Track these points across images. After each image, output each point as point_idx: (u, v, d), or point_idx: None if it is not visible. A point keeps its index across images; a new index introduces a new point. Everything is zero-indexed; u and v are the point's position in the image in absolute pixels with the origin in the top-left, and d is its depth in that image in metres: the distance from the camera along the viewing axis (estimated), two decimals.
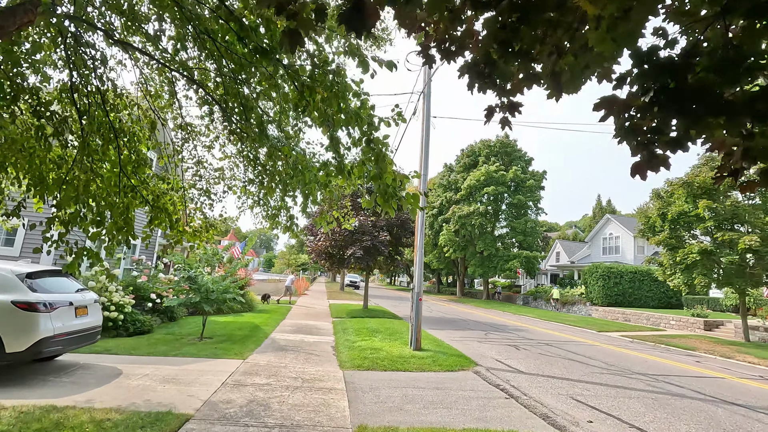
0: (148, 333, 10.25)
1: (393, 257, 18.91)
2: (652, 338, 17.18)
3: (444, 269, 49.61)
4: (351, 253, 17.17)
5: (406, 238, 18.65)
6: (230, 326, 12.15)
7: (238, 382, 6.44)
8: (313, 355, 8.99)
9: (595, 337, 16.96)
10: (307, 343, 10.57)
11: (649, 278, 29.27)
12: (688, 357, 12.79)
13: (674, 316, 22.31)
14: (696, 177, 15.11)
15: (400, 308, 24.44)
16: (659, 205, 16.66)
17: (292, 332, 12.17)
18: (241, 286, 15.88)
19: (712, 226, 14.61)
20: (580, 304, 30.27)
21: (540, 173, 36.54)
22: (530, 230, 35.05)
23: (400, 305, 27.01)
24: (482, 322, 19.15)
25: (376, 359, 8.63)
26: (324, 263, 19.42)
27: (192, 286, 9.59)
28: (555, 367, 9.38)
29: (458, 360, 9.08)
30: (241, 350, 8.75)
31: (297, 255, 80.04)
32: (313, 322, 15.05)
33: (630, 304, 28.51)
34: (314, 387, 6.48)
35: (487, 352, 10.92)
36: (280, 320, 14.51)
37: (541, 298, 34.56)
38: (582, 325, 21.16)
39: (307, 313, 17.80)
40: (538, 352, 11.46)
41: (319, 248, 18.27)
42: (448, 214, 36.15)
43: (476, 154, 38.94)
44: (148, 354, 7.95)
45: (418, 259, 9.92)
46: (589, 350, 12.46)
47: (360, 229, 17.70)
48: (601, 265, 29.18)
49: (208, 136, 5.04)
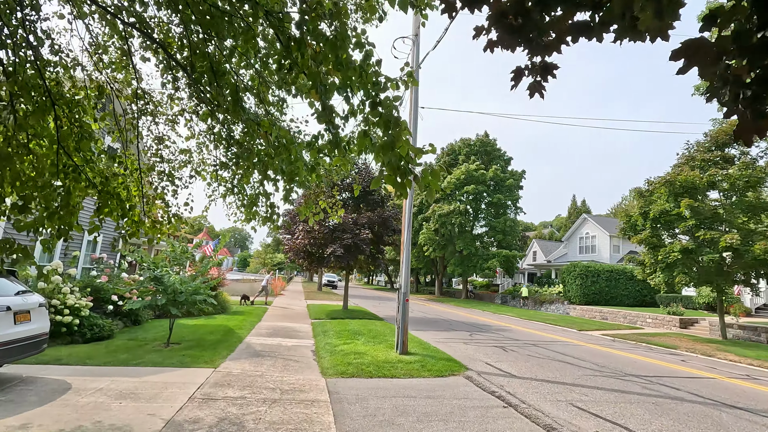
0: (108, 339, 9.30)
1: (374, 256, 18.29)
2: (633, 337, 17.20)
3: (423, 268, 49.35)
4: (331, 252, 16.46)
5: (388, 236, 18.08)
6: (201, 330, 11.26)
7: (208, 395, 5.69)
8: (292, 362, 8.28)
9: (577, 336, 16.85)
10: (285, 347, 9.84)
11: (624, 277, 29.74)
12: (671, 356, 12.72)
13: (650, 314, 22.58)
14: (677, 176, 15.15)
15: (381, 308, 23.85)
16: (641, 204, 16.68)
17: (269, 335, 11.39)
18: (213, 286, 14.96)
19: (692, 225, 14.66)
20: (558, 303, 30.47)
21: (519, 173, 36.69)
22: (509, 229, 35.13)
23: (381, 305, 26.44)
24: (465, 322, 18.78)
25: (361, 365, 8.00)
26: (302, 262, 18.63)
27: (158, 286, 8.71)
28: (547, 370, 8.99)
29: (448, 364, 8.56)
30: (213, 357, 7.96)
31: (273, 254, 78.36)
32: (290, 324, 14.28)
33: (606, 303, 28.87)
34: (295, 399, 5.80)
35: (476, 354, 10.46)
36: (256, 323, 13.67)
37: (519, 297, 34.70)
38: (562, 324, 21.13)
39: (284, 315, 16.98)
40: (527, 353, 11.09)
41: (297, 246, 17.47)
42: (428, 213, 35.82)
43: (456, 152, 38.77)
44: (106, 363, 7.07)
45: (405, 257, 9.35)
46: (576, 350, 12.20)
47: (340, 227, 17.00)
48: (579, 264, 29.44)
49: (171, 108, 4.27)
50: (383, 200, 18.87)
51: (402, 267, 9.33)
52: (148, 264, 9.22)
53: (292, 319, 15.57)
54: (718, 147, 15.94)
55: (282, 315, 16.88)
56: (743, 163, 14.78)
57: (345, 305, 19.36)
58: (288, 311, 18.61)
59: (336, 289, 50.38)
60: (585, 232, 36.49)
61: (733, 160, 15.83)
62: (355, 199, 18.97)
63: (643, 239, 16.23)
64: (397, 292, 9.32)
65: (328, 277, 52.51)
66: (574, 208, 56.32)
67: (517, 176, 36.37)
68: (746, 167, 14.77)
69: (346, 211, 18.32)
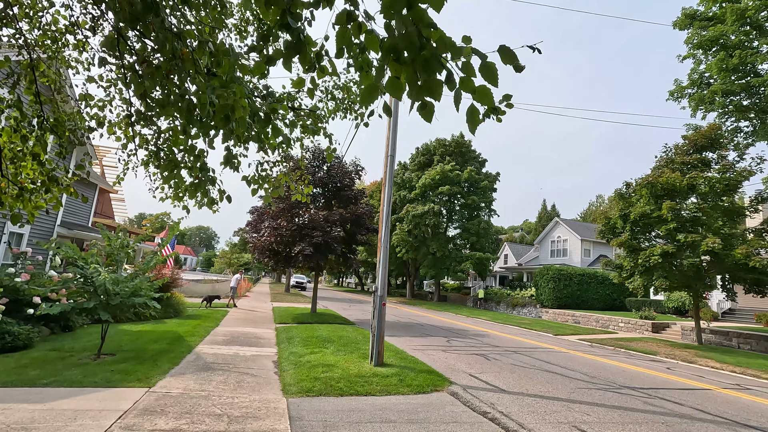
0: (25, 349, 7.74)
1: (346, 256, 17.11)
2: (610, 342, 16.83)
3: (395, 270, 48.44)
4: (299, 251, 15.17)
5: (362, 235, 16.95)
6: (144, 337, 9.77)
7: (130, 429, 4.40)
8: (249, 376, 7.03)
9: (554, 341, 16.29)
10: (242, 358, 8.54)
11: (595, 281, 29.84)
12: (655, 363, 12.24)
13: (622, 318, 22.49)
14: (659, 177, 14.83)
15: (352, 312, 22.67)
16: (621, 206, 16.32)
17: (225, 343, 10.03)
18: (161, 286, 13.40)
19: (673, 228, 14.35)
20: (530, 306, 30.22)
21: (493, 175, 36.42)
22: (483, 232, 34.73)
23: (351, 308, 25.24)
24: (440, 327, 17.89)
25: (330, 380, 6.85)
26: (268, 262, 17.20)
27: (85, 287, 7.26)
28: (537, 383, 8.13)
29: (429, 377, 7.53)
30: (150, 373, 6.59)
31: (240, 254, 75.37)
32: (252, 329, 12.90)
33: (578, 306, 28.83)
34: (245, 431, 4.60)
35: (457, 364, 9.50)
36: (212, 328, 12.22)
37: (491, 300, 34.34)
38: (537, 329, 20.66)
39: (246, 318, 15.52)
40: (511, 362, 10.24)
41: (263, 244, 16.05)
42: (402, 213, 34.93)
43: (431, 152, 38.12)
44: (5, 384, 5.61)
45: (382, 256, 8.27)
46: (559, 358, 11.48)
47: (310, 224, 15.74)
48: (552, 268, 29.30)
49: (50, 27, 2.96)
50: (356, 197, 17.74)
51: (379, 267, 8.25)
52: (77, 260, 7.72)
53: (254, 324, 14.17)
54: (697, 150, 15.79)
55: (244, 319, 15.42)
56: (723, 166, 14.62)
57: (313, 308, 18.07)
58: (251, 314, 17.13)
59: (305, 290, 48.67)
60: (557, 235, 36.62)
61: (710, 163, 15.73)
62: (326, 195, 17.76)
63: (623, 242, 15.85)
64: (373, 294, 8.23)
65: (296, 278, 50.73)
66: (545, 212, 57.04)
67: (491, 178, 36.08)
68: (725, 170, 14.62)
69: (317, 208, 17.08)
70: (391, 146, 8.55)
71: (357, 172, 17.92)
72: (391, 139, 8.57)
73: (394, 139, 8.59)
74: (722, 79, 18.60)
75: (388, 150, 8.54)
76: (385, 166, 8.55)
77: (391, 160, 8.49)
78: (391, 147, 8.55)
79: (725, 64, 17.96)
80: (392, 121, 8.69)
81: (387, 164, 8.51)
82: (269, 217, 16.25)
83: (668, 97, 22.36)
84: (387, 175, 8.43)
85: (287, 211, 16.03)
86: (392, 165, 8.49)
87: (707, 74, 19.93)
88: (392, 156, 8.52)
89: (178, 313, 14.50)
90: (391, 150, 8.52)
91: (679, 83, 21.43)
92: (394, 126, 8.63)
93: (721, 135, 15.82)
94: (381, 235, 8.35)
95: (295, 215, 16.09)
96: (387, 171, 8.46)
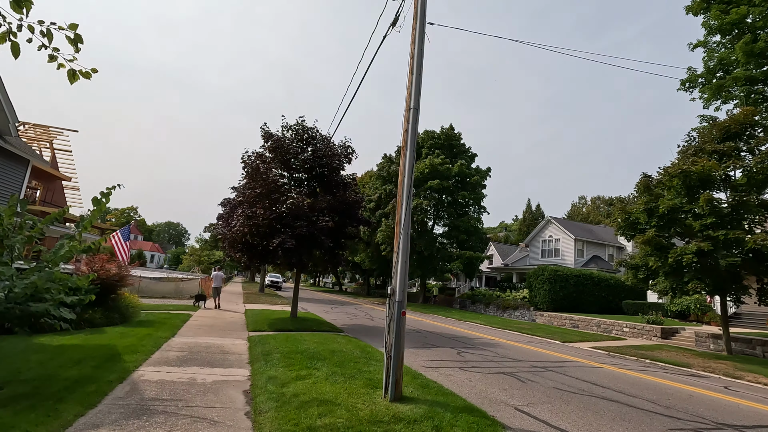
0: None
1: (334, 252, 14.62)
2: (628, 351, 15.03)
3: (376, 270, 46.09)
4: (278, 244, 12.61)
5: (353, 227, 14.53)
6: (63, 356, 7.06)
7: None
8: (206, 426, 4.55)
9: (565, 349, 14.38)
10: (200, 388, 6.01)
11: (591, 282, 28.35)
12: (705, 380, 10.40)
13: (626, 323, 20.90)
14: (693, 166, 13.06)
15: (336, 315, 20.19)
16: (646, 199, 14.51)
17: (180, 362, 7.45)
18: (103, 285, 10.67)
19: (710, 223, 12.62)
20: (523, 309, 28.46)
21: (484, 170, 34.58)
22: (474, 230, 32.83)
23: (334, 311, 22.73)
24: (440, 334, 15.67)
25: (331, 430, 4.46)
26: (240, 257, 14.52)
27: None
28: (608, 419, 5.97)
29: (473, 421, 5.21)
30: (37, 429, 4.02)
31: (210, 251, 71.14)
32: (218, 339, 10.29)
33: (573, 309, 27.25)
34: None
35: (489, 390, 7.25)
36: (166, 339, 9.55)
37: (480, 302, 32.47)
38: (540, 334, 18.81)
39: (212, 325, 12.84)
40: (551, 384, 8.08)
41: (234, 236, 13.39)
42: (388, 209, 32.61)
43: (419, 145, 35.94)
44: None
45: (401, 244, 5.91)
46: (602, 377, 9.43)
47: (292, 212, 13.21)
48: (547, 268, 27.61)
49: None
50: (346, 183, 15.31)
51: (398, 260, 5.88)
52: None
53: (222, 332, 11.54)
54: (729, 137, 14.15)
55: (210, 325, 12.74)
56: (764, 154, 12.99)
57: (294, 312, 15.51)
58: (219, 319, 14.43)
59: (280, 290, 45.67)
60: (548, 234, 35.13)
61: (741, 152, 14.14)
62: (310, 180, 15.22)
63: (649, 239, 14.02)
64: (388, 300, 5.86)
65: (271, 277, 47.67)
66: (529, 211, 55.94)
67: (482, 174, 34.20)
68: (764, 159, 12.99)
69: (299, 195, 14.52)
70: (415, 94, 6.21)
71: (347, 155, 15.47)
72: (415, 83, 6.22)
73: (418, 82, 6.25)
74: (744, 63, 17.14)
75: (411, 100, 6.20)
76: (406, 122, 6.19)
77: (414, 115, 6.15)
78: (415, 96, 6.20)
79: (751, 49, 16.49)
80: (416, 47, 6.32)
81: (408, 119, 6.15)
82: (243, 202, 13.62)
83: (679, 87, 20.93)
84: (409, 134, 6.08)
85: (265, 197, 13.43)
86: (415, 121, 6.15)
87: (725, 60, 18.50)
88: (416, 109, 6.17)
89: (126, 318, 11.70)
90: (415, 100, 6.19)
91: (693, 71, 20.00)
92: (419, 59, 6.27)
93: (756, 122, 14.24)
94: (400, 215, 5.98)
95: (275, 202, 13.50)
96: (409, 129, 6.11)
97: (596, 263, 32.25)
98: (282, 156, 14.41)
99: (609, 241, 33.98)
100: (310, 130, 15.26)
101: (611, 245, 33.87)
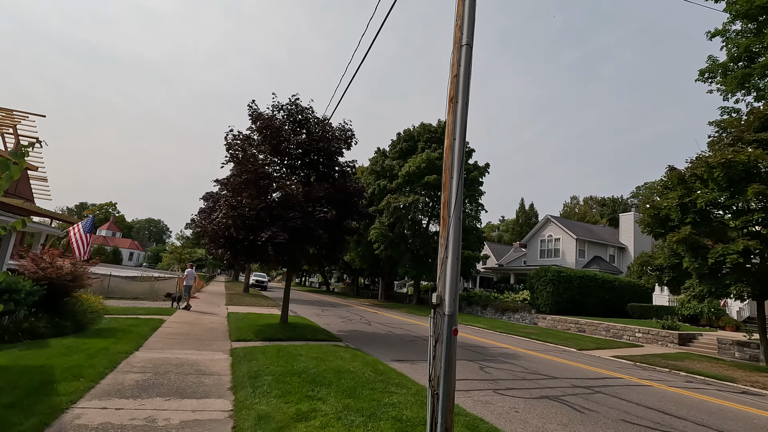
0: None
1: (332, 248, 12.77)
2: (655, 361, 13.61)
3: (367, 269, 44.27)
4: (268, 238, 10.72)
5: (354, 220, 12.73)
6: None
7: None
8: None
9: (590, 360, 12.91)
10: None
11: (595, 284, 27.07)
12: (756, 398, 8.95)
13: (639, 328, 19.57)
14: (738, 155, 11.65)
15: (328, 319, 18.34)
16: (680, 193, 13.08)
17: (137, 392, 5.56)
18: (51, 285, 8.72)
19: (761, 219, 11.24)
20: (523, 311, 27.04)
21: (482, 166, 33.05)
22: (472, 228, 31.30)
23: (326, 314, 20.86)
24: None
25: None
26: (223, 254, 12.55)
27: None
28: None
29: None
30: None
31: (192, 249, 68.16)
32: (194, 354, 8.38)
33: (576, 312, 25.94)
34: None
35: (548, 427, 5.57)
36: (126, 355, 7.59)
37: (476, 304, 30.97)
38: (552, 341, 17.40)
39: (188, 333, 10.89)
40: (615, 416, 6.44)
41: (216, 229, 11.44)
42: (382, 205, 30.83)
43: (415, 138, 34.24)
44: None
45: (452, 236, 4.16)
46: (657, 399, 7.86)
47: (284, 201, 11.34)
48: (551, 269, 26.23)
49: None
50: (344, 172, 13.50)
51: (447, 258, 4.12)
52: None
53: (199, 343, 9.61)
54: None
55: (185, 333, 10.78)
56: None
57: (284, 316, 13.62)
58: (197, 325, 12.46)
59: (265, 290, 43.42)
60: (548, 234, 33.83)
61: None
62: (304, 168, 13.34)
63: (683, 238, 12.57)
64: (432, 313, 4.11)
65: (256, 276, 45.32)
66: (523, 211, 54.80)
67: (480, 170, 32.68)
68: None
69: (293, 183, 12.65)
70: (468, 26, 4.47)
71: (346, 139, 13.64)
72: (468, 11, 4.49)
73: (472, 10, 4.52)
74: None
75: (462, 34, 4.46)
76: (456, 65, 4.44)
77: (467, 54, 4.41)
78: (468, 28, 4.47)
79: None
80: None
81: (460, 60, 4.41)
82: (227, 191, 11.71)
83: (698, 78, 19.72)
84: (461, 80, 4.35)
85: (252, 185, 11.52)
86: (468, 62, 4.41)
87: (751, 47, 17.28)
88: (468, 45, 4.44)
89: (81, 326, 9.67)
90: (467, 35, 4.46)
91: (715, 60, 18.78)
92: None
93: None
94: (449, 194, 4.24)
95: (264, 190, 11.61)
96: (460, 73, 4.37)
97: (598, 264, 31.08)
98: (272, 139, 12.52)
99: (610, 242, 32.86)
100: (304, 111, 13.39)
101: (612, 245, 32.76)
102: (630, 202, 53.12)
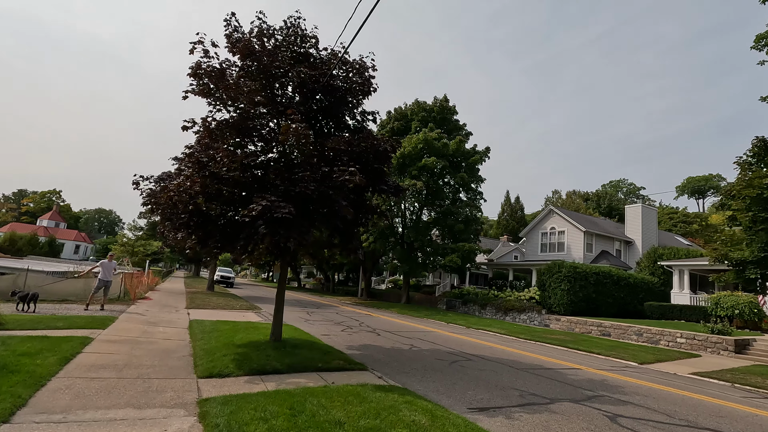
0: None
1: (351, 234, 8.82)
2: (753, 381, 10.69)
3: (347, 265, 40.30)
4: (261, 212, 6.64)
5: (384, 193, 8.86)
6: None
7: None
8: None
9: (667, 380, 9.71)
10: None
11: (611, 281, 24.47)
12: None
13: (681, 332, 16.88)
14: None
15: (320, 326, 14.37)
16: None
17: None
18: None
19: None
20: (531, 311, 24.09)
21: (482, 150, 29.80)
22: (472, 218, 28.06)
23: (314, 318, 16.82)
24: (477, 355, 10.45)
25: None
26: (185, 239, 8.30)
27: None
28: None
29: None
30: None
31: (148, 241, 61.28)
32: (123, 425, 4.31)
33: (592, 313, 23.25)
34: None
35: None
36: None
37: (473, 302, 27.81)
38: (585, 348, 14.71)
39: (125, 364, 6.69)
40: None
41: (177, 199, 7.24)
42: None
43: (408, 117, 30.50)
44: None
45: None
46: None
47: (286, 159, 7.32)
48: (565, 264, 23.35)
49: None
50: (363, 120, 9.64)
51: None
52: None
53: (141, 386, 5.49)
54: None
55: (121, 366, 6.58)
56: None
57: (276, 332, 9.50)
58: (143, 346, 8.22)
59: (231, 287, 38.48)
60: (550, 226, 31.09)
61: None
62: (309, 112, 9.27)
63: None
64: None
65: (222, 271, 40.26)
66: (508, 204, 52.52)
67: (480, 154, 29.42)
68: None
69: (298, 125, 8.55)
70: None
71: (364, 83, 9.65)
72: None
73: None
74: None
75: None
76: None
77: None
78: None
79: None
80: None
81: None
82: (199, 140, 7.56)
83: (753, 45, 17.15)
84: None
85: (235, 129, 7.42)
86: None
87: None
88: None
89: None
90: None
91: None
92: None
93: None
94: None
95: (253, 137, 7.52)
96: None
97: (607, 259, 28.68)
98: (261, 70, 8.39)
99: (616, 235, 30.59)
100: (308, 39, 9.37)
101: (618, 239, 30.48)
102: (619, 198, 51.80)
